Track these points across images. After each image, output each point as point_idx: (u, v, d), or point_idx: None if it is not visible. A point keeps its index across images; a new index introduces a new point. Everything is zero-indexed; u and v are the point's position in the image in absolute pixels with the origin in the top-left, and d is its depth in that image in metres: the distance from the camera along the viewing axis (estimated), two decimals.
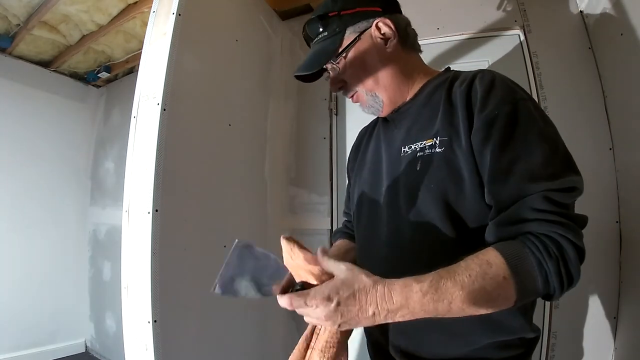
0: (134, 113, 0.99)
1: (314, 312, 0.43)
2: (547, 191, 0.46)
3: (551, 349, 1.10)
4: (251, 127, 1.41)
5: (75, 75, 2.50)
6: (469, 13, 1.34)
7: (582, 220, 0.47)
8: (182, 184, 1.01)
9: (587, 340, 1.08)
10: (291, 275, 0.49)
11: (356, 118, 1.47)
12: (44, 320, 2.25)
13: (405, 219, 0.59)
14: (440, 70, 0.69)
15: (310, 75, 0.68)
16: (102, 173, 2.51)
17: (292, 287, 0.48)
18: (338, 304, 0.42)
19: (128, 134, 0.99)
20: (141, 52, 1.03)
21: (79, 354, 2.38)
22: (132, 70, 2.45)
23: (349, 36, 0.64)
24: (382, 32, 0.64)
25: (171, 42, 0.98)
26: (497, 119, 0.51)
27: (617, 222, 1.05)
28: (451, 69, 0.69)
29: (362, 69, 0.65)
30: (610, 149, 1.10)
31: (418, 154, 0.59)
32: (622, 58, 1.04)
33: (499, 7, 1.31)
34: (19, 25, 1.88)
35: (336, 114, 1.51)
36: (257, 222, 1.40)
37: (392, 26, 0.64)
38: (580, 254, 0.45)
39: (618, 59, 1.07)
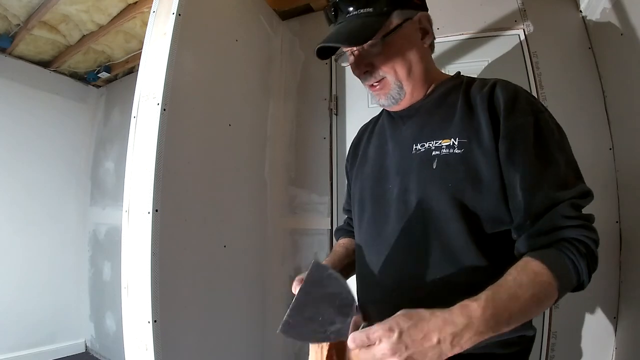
0: (134, 113, 0.99)
1: (378, 350, 0.42)
2: (573, 199, 0.51)
3: (551, 349, 1.10)
4: (251, 127, 1.41)
5: (75, 75, 2.49)
6: (469, 13, 1.34)
7: (593, 219, 0.53)
8: (182, 184, 1.01)
9: (587, 340, 1.08)
10: (359, 315, 0.48)
11: (356, 118, 1.47)
12: (44, 320, 2.24)
13: (415, 217, 0.59)
14: (451, 75, 0.71)
15: (330, 50, 0.65)
16: (102, 173, 2.51)
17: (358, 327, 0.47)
18: (400, 334, 0.41)
19: (128, 134, 0.99)
20: (141, 52, 1.03)
21: (79, 354, 2.38)
22: (132, 70, 2.45)
23: (394, 19, 0.61)
24: (422, 25, 0.66)
25: (171, 42, 0.98)
26: (522, 129, 0.55)
27: (617, 222, 1.05)
28: (461, 73, 0.71)
29: (400, 56, 0.63)
30: (610, 149, 1.10)
31: (433, 153, 0.60)
32: (622, 58, 1.04)
33: (498, 7, 1.31)
34: (19, 25, 1.87)
35: (336, 114, 1.51)
36: (257, 222, 1.40)
37: (431, 24, 0.67)
38: (597, 246, 0.51)
39: (618, 59, 1.07)
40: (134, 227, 0.92)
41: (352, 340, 0.43)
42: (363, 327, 0.46)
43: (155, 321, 0.86)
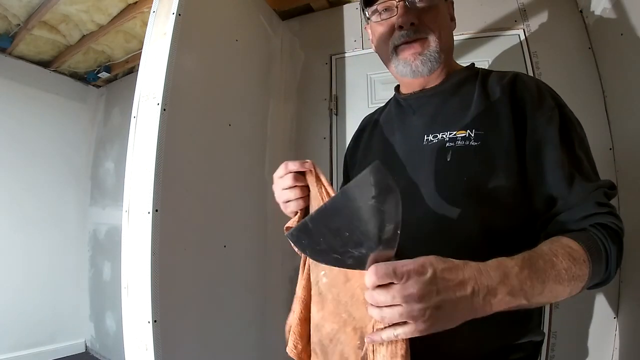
0: (134, 113, 0.99)
1: (401, 290, 0.34)
2: (603, 188, 0.52)
3: (551, 349, 1.10)
4: (251, 127, 1.41)
5: (75, 75, 2.50)
6: (469, 13, 1.33)
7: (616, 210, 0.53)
8: (182, 184, 1.01)
9: (587, 340, 1.08)
10: (392, 250, 0.37)
11: (356, 118, 1.47)
12: (44, 320, 2.24)
13: (427, 211, 0.56)
14: (465, 65, 0.70)
15: None
16: (102, 173, 2.51)
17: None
18: (435, 274, 0.35)
19: (128, 134, 0.99)
20: (141, 52, 1.03)
21: (79, 354, 2.38)
22: (132, 70, 2.45)
23: None
24: (450, 12, 0.69)
25: (171, 42, 0.98)
26: (551, 122, 0.54)
27: None
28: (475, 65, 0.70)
29: (443, 22, 0.65)
30: (610, 149, 1.10)
31: (447, 144, 0.57)
32: (622, 58, 1.04)
33: (498, 7, 1.31)
34: (19, 25, 1.87)
35: (336, 114, 1.51)
36: (257, 222, 1.40)
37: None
38: (623, 236, 0.52)
39: (618, 59, 1.07)
40: (134, 227, 0.92)
41: (374, 272, 0.35)
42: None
43: (155, 321, 0.86)
